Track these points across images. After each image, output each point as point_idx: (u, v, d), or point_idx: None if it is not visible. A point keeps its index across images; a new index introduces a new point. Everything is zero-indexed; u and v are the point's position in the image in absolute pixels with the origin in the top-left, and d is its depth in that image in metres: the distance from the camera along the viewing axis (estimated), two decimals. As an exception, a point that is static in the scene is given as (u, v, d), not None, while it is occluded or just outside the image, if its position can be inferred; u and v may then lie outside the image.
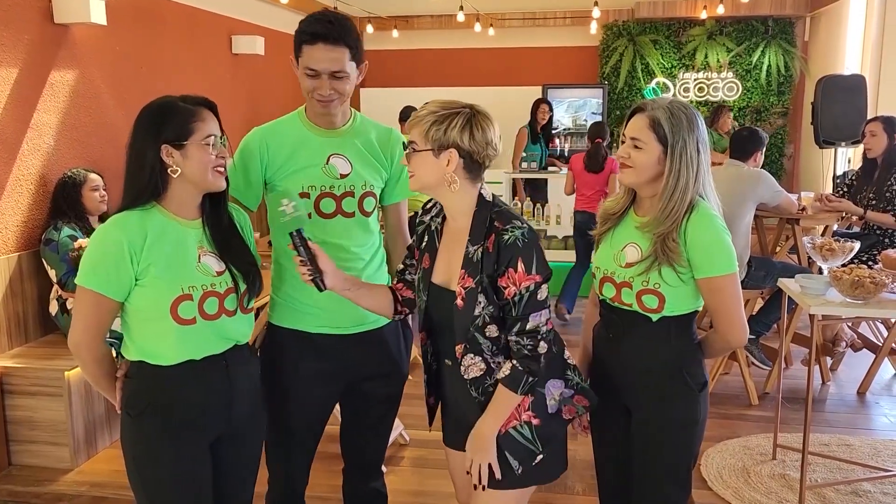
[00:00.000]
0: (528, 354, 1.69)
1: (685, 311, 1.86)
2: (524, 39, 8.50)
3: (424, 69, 8.60)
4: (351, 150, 2.07)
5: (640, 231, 1.86)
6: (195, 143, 1.72)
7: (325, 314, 2.05)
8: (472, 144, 1.68)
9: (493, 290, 1.69)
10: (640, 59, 8.20)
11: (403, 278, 1.97)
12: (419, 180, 1.73)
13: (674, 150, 1.79)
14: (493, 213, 1.72)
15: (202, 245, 1.79)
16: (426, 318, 1.85)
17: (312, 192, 2.02)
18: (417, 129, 1.71)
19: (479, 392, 1.75)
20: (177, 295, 1.71)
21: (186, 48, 5.39)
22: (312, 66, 1.93)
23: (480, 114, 1.70)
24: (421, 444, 3.58)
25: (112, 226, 1.71)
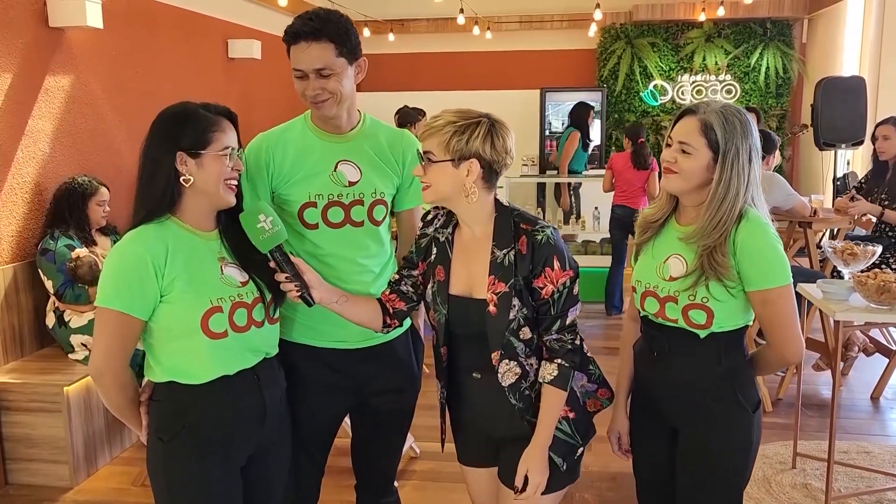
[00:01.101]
0: (571, 349, 1.71)
1: (735, 326, 1.76)
2: (522, 43, 8.44)
3: (421, 73, 8.52)
4: (360, 155, 1.98)
5: (683, 242, 1.76)
6: (211, 154, 1.64)
7: (333, 329, 1.97)
8: (492, 154, 1.66)
9: (528, 292, 1.68)
10: (638, 62, 8.16)
11: (397, 289, 1.88)
12: (436, 191, 1.70)
13: (725, 157, 1.68)
14: (515, 216, 1.72)
15: (222, 256, 1.71)
16: (447, 331, 1.78)
17: (320, 201, 1.93)
18: (436, 140, 1.67)
19: (517, 398, 1.72)
20: (206, 308, 1.63)
21: (183, 52, 5.30)
22: (297, 65, 1.85)
23: (499, 122, 1.69)
24: (432, 457, 3.49)
25: (131, 241, 1.62)
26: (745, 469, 1.80)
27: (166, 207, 1.66)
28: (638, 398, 1.93)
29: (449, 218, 1.83)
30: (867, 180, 4.53)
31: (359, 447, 2.19)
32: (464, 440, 1.92)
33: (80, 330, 3.47)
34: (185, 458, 1.66)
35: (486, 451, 1.88)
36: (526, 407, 1.73)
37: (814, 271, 4.22)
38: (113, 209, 3.81)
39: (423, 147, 1.71)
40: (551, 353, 1.72)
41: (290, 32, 1.86)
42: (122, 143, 4.44)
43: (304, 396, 1.97)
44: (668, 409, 1.84)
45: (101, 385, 1.66)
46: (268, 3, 6.39)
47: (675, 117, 1.78)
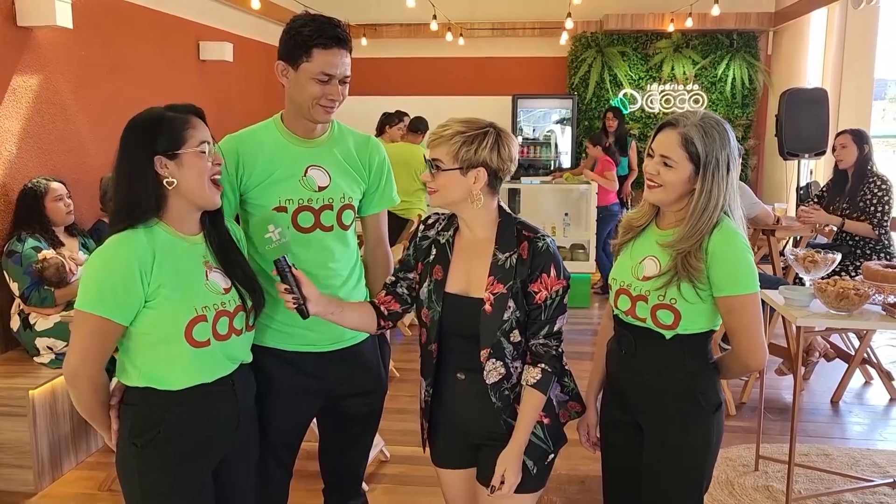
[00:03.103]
0: (556, 355, 1.79)
1: (700, 329, 1.82)
2: (494, 49, 8.50)
3: (393, 78, 8.53)
4: (329, 160, 2.00)
5: (660, 246, 1.82)
6: (190, 151, 1.64)
7: (301, 332, 1.98)
8: (499, 162, 1.74)
9: (523, 296, 1.75)
10: (608, 71, 8.26)
11: (393, 291, 1.94)
12: (444, 197, 1.78)
13: (706, 169, 1.73)
14: (518, 223, 1.81)
15: (207, 260, 1.72)
16: (440, 328, 1.84)
17: (290, 206, 1.95)
18: (444, 149, 1.74)
19: (497, 397, 1.79)
20: (192, 316, 1.63)
21: (154, 54, 5.25)
22: (328, 70, 1.86)
23: (504, 132, 1.77)
24: (402, 461, 3.50)
25: (118, 245, 1.61)
26: (704, 468, 1.85)
27: (153, 212, 1.65)
28: (608, 394, 1.98)
29: (450, 221, 1.90)
30: (828, 189, 4.65)
31: (327, 450, 2.21)
32: (441, 442, 1.96)
33: (45, 333, 3.42)
34: (159, 464, 1.65)
35: (463, 453, 1.93)
36: (504, 407, 1.80)
37: (777, 278, 4.32)
38: (79, 210, 3.77)
39: (431, 155, 1.77)
40: (536, 357, 1.78)
41: (326, 36, 1.86)
42: (91, 145, 4.39)
43: (274, 400, 1.98)
44: (635, 407, 1.89)
45: (75, 387, 1.65)
46: (240, 6, 6.36)
47: (655, 129, 1.83)
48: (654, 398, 1.84)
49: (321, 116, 1.93)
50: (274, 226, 1.74)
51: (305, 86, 1.88)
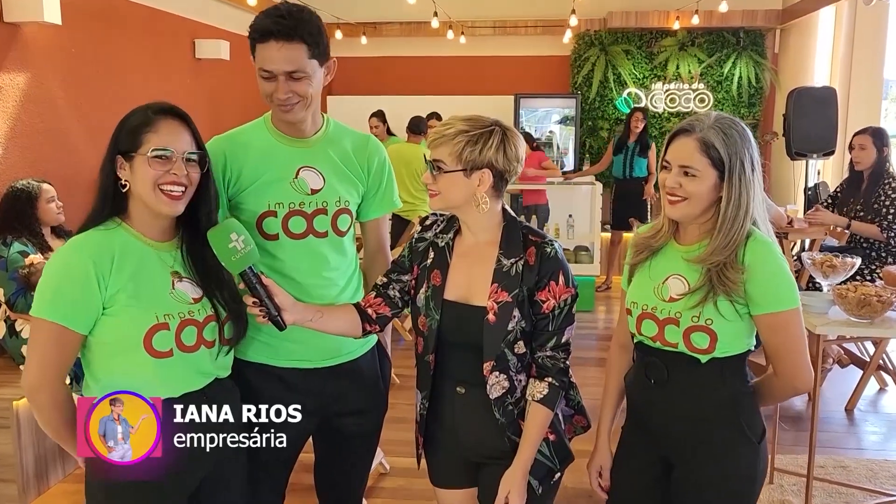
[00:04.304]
0: (563, 368, 1.70)
1: (738, 351, 1.66)
2: (496, 48, 8.37)
3: (393, 77, 8.41)
4: (323, 161, 1.87)
5: (686, 262, 1.67)
6: (141, 156, 1.53)
7: (294, 347, 1.86)
8: (504, 163, 1.65)
9: (529, 305, 1.66)
10: (612, 69, 8.13)
11: (384, 293, 1.81)
12: (445, 200, 1.68)
13: (732, 173, 1.59)
14: (523, 227, 1.71)
15: (176, 270, 1.59)
16: (438, 338, 1.72)
17: (280, 210, 1.82)
18: (446, 149, 1.63)
19: (500, 413, 1.69)
20: (151, 324, 1.51)
21: (146, 51, 5.13)
22: (266, 66, 1.73)
23: (510, 130, 1.67)
24: (403, 474, 3.38)
25: (74, 248, 1.51)
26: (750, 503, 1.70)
27: (110, 212, 1.55)
28: (630, 428, 1.83)
29: (450, 223, 1.79)
30: (842, 190, 4.52)
31: (322, 469, 2.08)
32: (439, 461, 1.84)
33: (32, 341, 3.30)
34: (126, 488, 1.52)
35: (463, 473, 1.81)
36: (508, 423, 1.70)
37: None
38: (69, 212, 3.64)
39: (432, 155, 1.66)
40: (542, 370, 1.69)
41: (259, 29, 1.73)
42: (81, 144, 4.27)
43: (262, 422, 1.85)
44: (665, 440, 1.73)
45: (36, 403, 1.53)
46: (236, 3, 6.23)
47: (667, 139, 1.68)
48: (690, 429, 1.68)
49: (280, 115, 1.81)
50: (236, 234, 1.57)
51: (258, 83, 1.77)
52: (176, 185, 1.55)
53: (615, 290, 6.96)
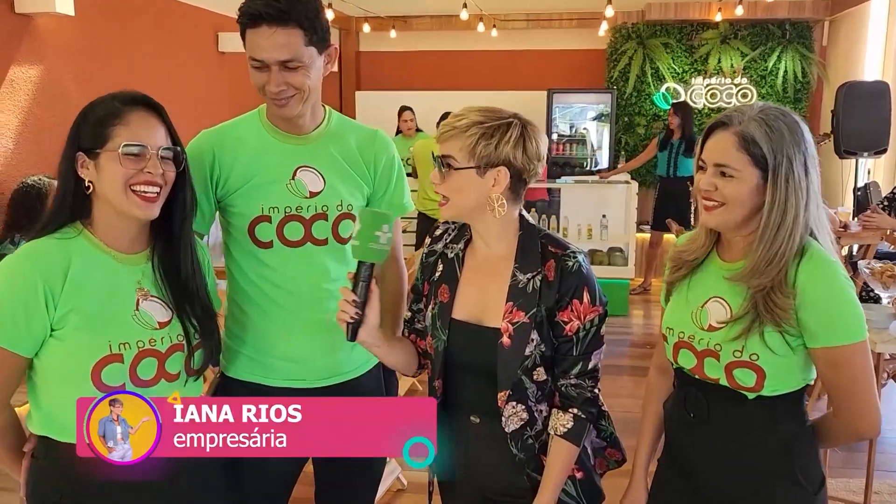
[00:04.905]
0: (590, 397, 1.49)
1: (791, 388, 1.41)
2: (528, 42, 8.15)
3: (423, 72, 8.24)
4: (324, 160, 1.68)
5: (729, 283, 1.42)
6: (109, 153, 1.33)
7: (290, 366, 1.68)
8: (523, 160, 1.44)
9: (550, 326, 1.46)
10: (649, 63, 7.86)
11: (413, 328, 1.64)
12: (456, 204, 1.47)
13: (776, 174, 1.34)
14: (542, 237, 1.50)
15: (142, 286, 1.40)
16: (445, 361, 1.52)
17: (274, 215, 1.64)
18: (457, 143, 1.42)
19: (519, 447, 1.49)
20: (102, 355, 1.31)
21: (166, 44, 5.02)
22: (257, 55, 1.54)
23: (530, 124, 1.47)
24: (421, 489, 3.17)
25: (22, 258, 1.32)
26: None
27: (68, 218, 1.36)
28: (668, 464, 1.60)
29: (461, 232, 1.58)
30: (901, 192, 4.20)
31: (324, 499, 1.89)
32: (452, 497, 1.64)
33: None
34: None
35: None
36: (528, 458, 1.50)
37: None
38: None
39: (441, 151, 1.45)
40: (567, 400, 1.49)
41: (248, 13, 1.53)
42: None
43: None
44: (706, 485, 1.49)
45: None
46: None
47: (703, 134, 1.44)
48: (736, 475, 1.44)
49: (274, 109, 1.63)
50: (388, 227, 1.42)
51: (250, 73, 1.58)
52: (150, 186, 1.36)
53: (654, 294, 6.70)
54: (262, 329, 1.68)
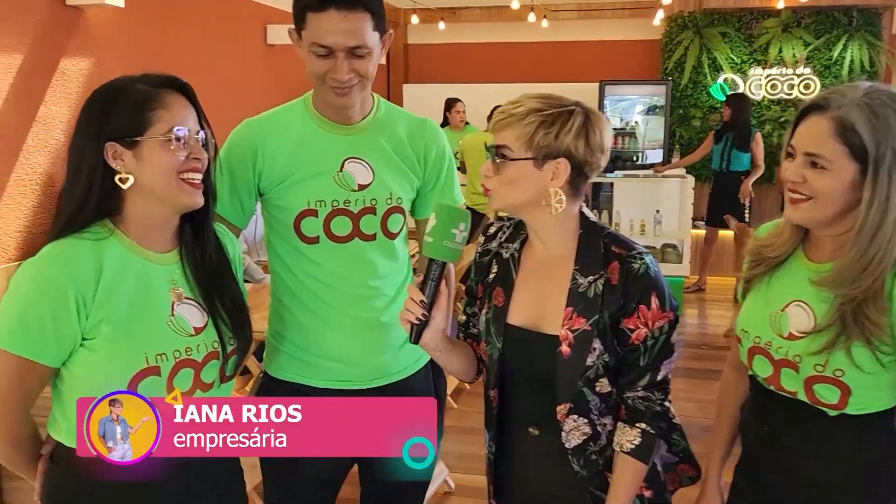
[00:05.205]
0: (660, 411, 1.38)
1: (881, 407, 1.27)
2: (580, 32, 7.93)
3: (472, 64, 8.09)
4: (373, 151, 1.61)
5: (814, 286, 1.28)
6: (153, 140, 1.24)
7: (336, 366, 1.61)
8: (586, 152, 1.33)
9: (613, 334, 1.36)
10: (706, 54, 7.56)
11: (469, 333, 1.54)
12: (508, 197, 1.37)
13: (878, 168, 1.19)
14: (606, 236, 1.39)
15: (176, 287, 1.31)
16: (500, 370, 1.41)
17: (321, 209, 1.57)
18: (514, 131, 1.33)
19: (581, 464, 1.39)
20: (139, 368, 1.23)
21: (215, 37, 5.00)
22: (323, 41, 1.47)
23: (594, 113, 1.37)
24: (469, 493, 3.09)
25: (51, 261, 1.22)
26: None
27: (94, 215, 1.26)
28: (742, 477, 1.47)
29: (517, 230, 1.47)
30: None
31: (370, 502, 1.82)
32: None
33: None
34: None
35: None
36: (591, 476, 1.40)
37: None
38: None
39: (495, 140, 1.35)
40: (633, 414, 1.39)
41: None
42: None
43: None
44: (785, 502, 1.37)
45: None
46: (311, -13, 6.07)
47: (795, 116, 1.29)
48: (817, 495, 1.31)
49: (333, 99, 1.55)
50: (465, 225, 1.34)
51: (307, 60, 1.52)
52: (196, 173, 1.29)
53: (709, 293, 6.49)
54: (306, 327, 1.61)
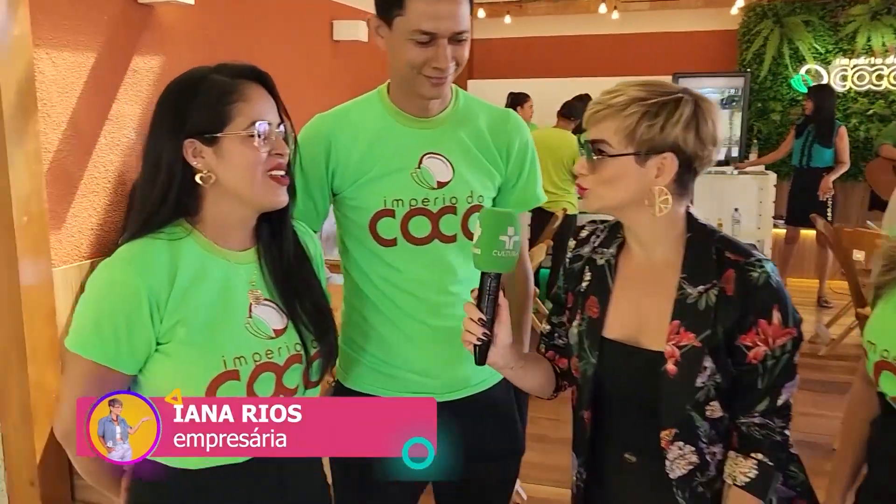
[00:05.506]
0: (780, 441, 1.26)
1: None
2: (653, 24, 7.66)
3: (539, 58, 7.91)
4: (452, 145, 1.51)
5: None
6: (234, 135, 1.16)
7: (414, 377, 1.52)
8: (696, 145, 1.22)
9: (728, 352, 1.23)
10: (787, 44, 7.20)
11: (552, 344, 1.42)
12: (606, 197, 1.25)
13: None
14: (718, 240, 1.26)
15: (255, 288, 1.24)
16: (595, 389, 1.32)
17: (399, 209, 1.47)
18: (613, 124, 1.21)
19: (686, 496, 1.27)
20: (217, 372, 1.17)
21: (283, 33, 4.99)
22: (428, 27, 1.37)
23: (704, 100, 1.24)
24: (541, 502, 2.96)
25: (123, 262, 1.17)
26: None
27: (170, 214, 1.20)
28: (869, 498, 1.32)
29: (612, 233, 1.35)
30: None
31: None
32: None
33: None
34: None
35: None
36: None
37: None
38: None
39: (591, 134, 1.23)
40: (749, 442, 1.26)
41: None
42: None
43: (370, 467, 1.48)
44: None
45: (71, 449, 1.24)
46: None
47: None
48: None
49: (427, 90, 1.45)
50: (514, 230, 1.24)
51: (401, 49, 1.42)
52: (279, 169, 1.21)
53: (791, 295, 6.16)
54: (383, 336, 1.51)
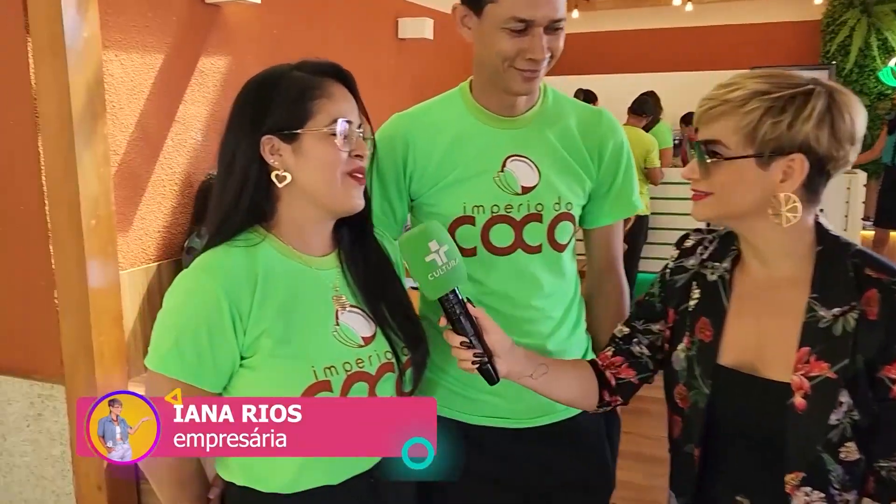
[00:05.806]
0: None
1: None
2: (729, 15, 7.42)
3: (608, 54, 7.76)
4: (539, 147, 1.39)
5: None
6: (314, 132, 1.09)
7: (496, 401, 1.41)
8: (830, 145, 1.06)
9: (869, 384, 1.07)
10: (875, 34, 6.87)
11: (626, 350, 1.29)
12: (721, 205, 1.11)
13: None
14: (855, 254, 1.11)
15: (339, 294, 1.16)
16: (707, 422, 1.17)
17: (479, 216, 1.36)
18: (730, 122, 1.07)
19: None
20: (308, 384, 1.10)
21: (349, 31, 4.94)
22: (525, 13, 1.26)
23: (839, 91, 1.08)
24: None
25: (200, 272, 1.10)
26: None
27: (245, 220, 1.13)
28: None
29: (724, 245, 1.23)
30: None
31: None
32: None
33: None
34: None
35: None
36: None
37: None
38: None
39: (703, 134, 1.09)
40: (888, 490, 1.09)
41: None
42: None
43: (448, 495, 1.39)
44: None
45: (153, 477, 1.20)
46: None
47: None
48: None
49: (518, 85, 1.32)
50: (437, 242, 1.14)
51: (492, 39, 1.29)
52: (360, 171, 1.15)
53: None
54: None
